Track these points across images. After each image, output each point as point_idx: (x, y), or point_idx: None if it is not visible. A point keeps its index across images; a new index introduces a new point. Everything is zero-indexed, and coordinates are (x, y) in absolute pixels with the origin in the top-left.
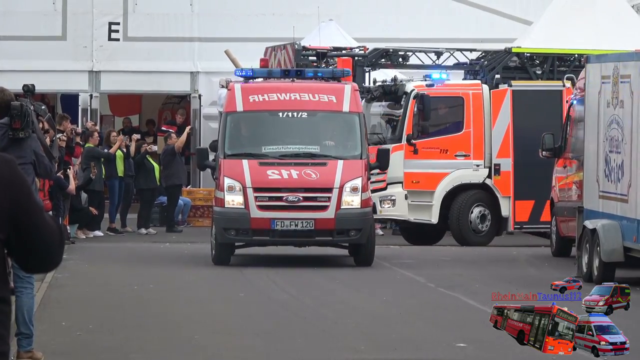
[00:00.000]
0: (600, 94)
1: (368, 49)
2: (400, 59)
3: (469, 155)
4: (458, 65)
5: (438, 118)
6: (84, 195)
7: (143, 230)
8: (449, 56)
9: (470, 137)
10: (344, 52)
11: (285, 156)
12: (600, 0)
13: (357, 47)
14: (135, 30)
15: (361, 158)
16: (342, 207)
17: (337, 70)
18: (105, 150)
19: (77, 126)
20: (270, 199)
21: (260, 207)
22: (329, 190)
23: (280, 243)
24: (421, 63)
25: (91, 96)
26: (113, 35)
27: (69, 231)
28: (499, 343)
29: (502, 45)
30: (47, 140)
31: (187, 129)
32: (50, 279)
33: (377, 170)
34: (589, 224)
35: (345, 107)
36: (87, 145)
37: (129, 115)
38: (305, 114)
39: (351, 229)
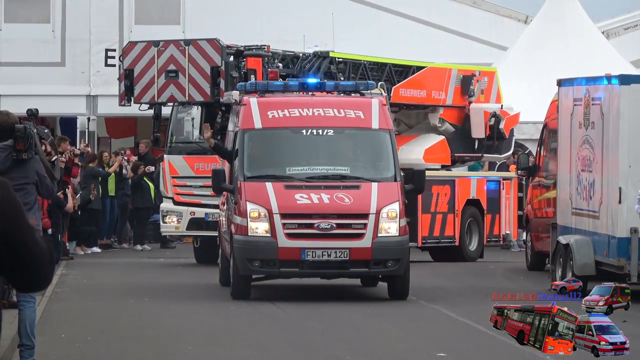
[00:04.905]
0: (573, 115)
1: (270, 48)
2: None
3: None
4: (290, 69)
5: None
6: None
7: (138, 247)
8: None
9: None
10: (252, 51)
11: (312, 178)
12: (572, 26)
13: (261, 46)
14: None
15: (395, 180)
16: (379, 235)
17: (361, 83)
18: (104, 170)
19: (76, 148)
20: (300, 226)
21: (289, 236)
22: (365, 216)
23: (311, 275)
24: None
25: (89, 119)
26: (109, 61)
27: (68, 247)
28: (477, 353)
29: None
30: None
31: None
32: (51, 293)
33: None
34: (563, 239)
35: (375, 124)
36: (89, 165)
37: (125, 137)
38: (332, 131)
39: (389, 259)
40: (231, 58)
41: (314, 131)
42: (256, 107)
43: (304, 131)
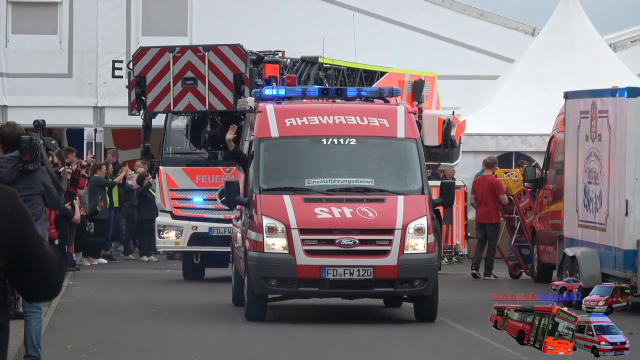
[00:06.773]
0: (580, 128)
1: (285, 53)
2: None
3: None
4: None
5: None
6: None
7: (145, 258)
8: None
9: None
10: (270, 58)
11: (333, 191)
12: (579, 38)
13: (276, 52)
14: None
15: (423, 193)
16: (405, 252)
17: (385, 89)
18: (110, 180)
19: (83, 159)
20: (320, 242)
21: (308, 252)
22: (390, 231)
23: (332, 295)
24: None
25: (96, 130)
26: (116, 72)
27: (74, 258)
28: None
29: (486, 82)
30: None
31: None
32: (57, 304)
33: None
34: (569, 251)
35: (400, 133)
36: (95, 175)
37: (132, 148)
38: (354, 140)
39: (416, 278)
40: None
41: (335, 140)
42: (273, 114)
43: (324, 140)
